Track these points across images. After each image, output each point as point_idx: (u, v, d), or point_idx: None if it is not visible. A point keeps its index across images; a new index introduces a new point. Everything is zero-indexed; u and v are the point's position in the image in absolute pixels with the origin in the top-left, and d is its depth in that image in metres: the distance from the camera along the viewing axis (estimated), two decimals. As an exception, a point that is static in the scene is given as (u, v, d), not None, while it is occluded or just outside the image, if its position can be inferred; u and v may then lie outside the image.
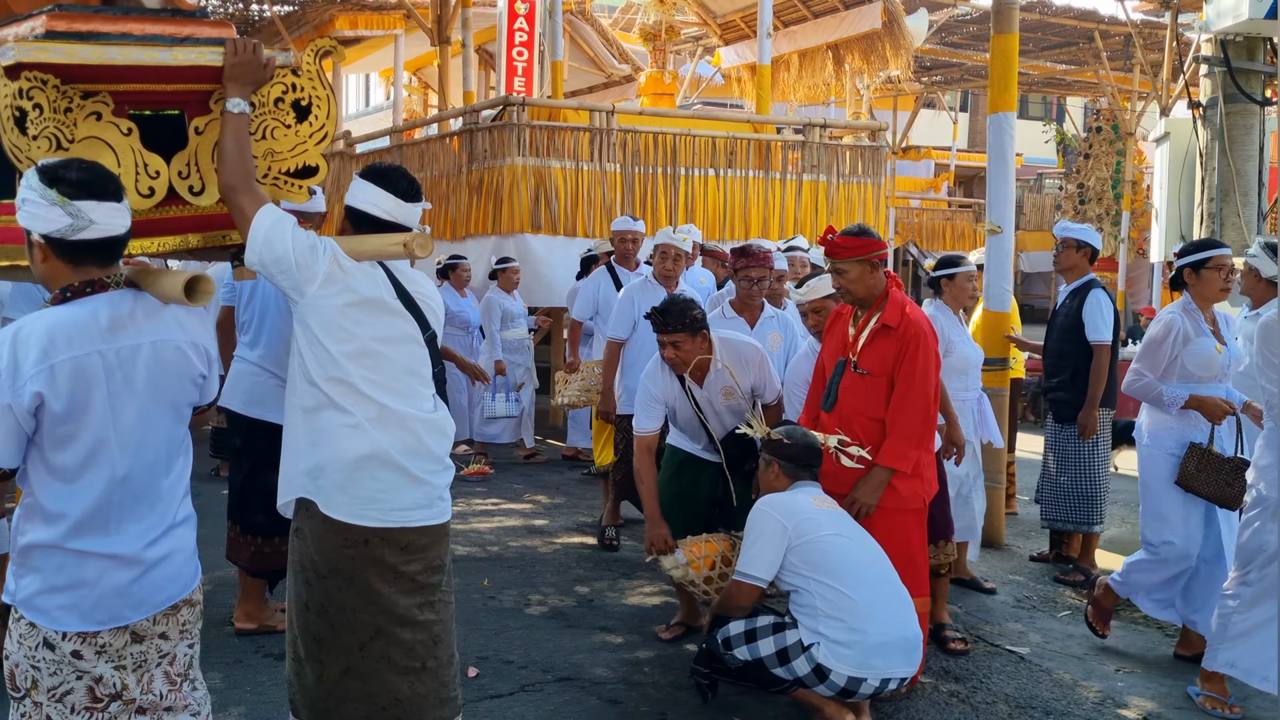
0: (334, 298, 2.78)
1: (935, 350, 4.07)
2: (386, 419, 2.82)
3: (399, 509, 2.85)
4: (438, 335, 3.02)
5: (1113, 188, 18.29)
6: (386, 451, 2.81)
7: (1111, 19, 16.30)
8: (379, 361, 2.83)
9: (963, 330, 5.57)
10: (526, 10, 14.67)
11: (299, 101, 2.96)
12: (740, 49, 14.05)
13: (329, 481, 2.82)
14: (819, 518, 3.71)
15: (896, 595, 3.71)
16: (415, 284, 2.96)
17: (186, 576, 2.62)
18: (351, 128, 15.55)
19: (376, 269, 2.87)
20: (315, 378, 2.80)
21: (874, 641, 3.56)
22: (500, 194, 9.05)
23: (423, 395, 2.93)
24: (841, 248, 4.05)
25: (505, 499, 7.49)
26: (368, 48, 16.73)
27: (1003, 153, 6.33)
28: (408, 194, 2.94)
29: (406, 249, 2.80)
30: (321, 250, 2.77)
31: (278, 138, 2.95)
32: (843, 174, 10.25)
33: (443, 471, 2.97)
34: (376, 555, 2.84)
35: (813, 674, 3.59)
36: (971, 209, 22.70)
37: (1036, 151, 26.13)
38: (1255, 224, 6.37)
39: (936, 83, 21.31)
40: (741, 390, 4.51)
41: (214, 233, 2.96)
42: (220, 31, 2.83)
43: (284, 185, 3.01)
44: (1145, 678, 4.48)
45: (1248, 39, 6.28)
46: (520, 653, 4.51)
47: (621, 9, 19.21)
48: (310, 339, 2.81)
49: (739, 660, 3.72)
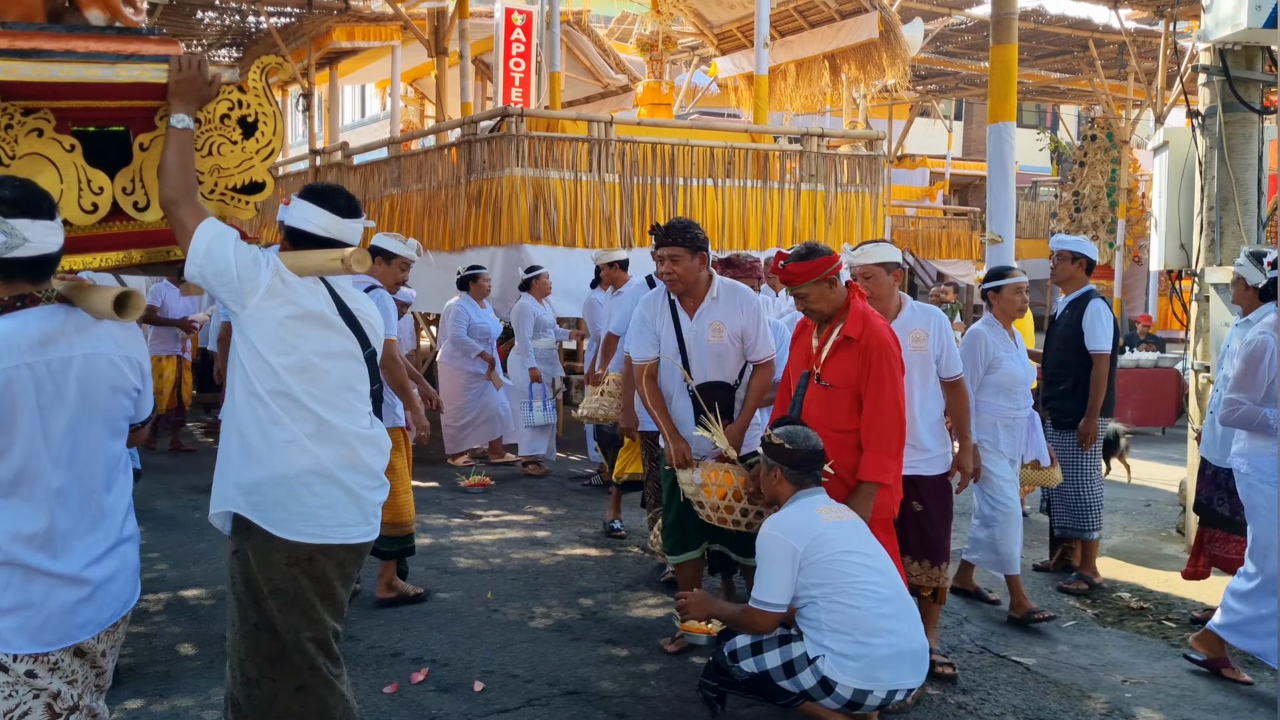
0: (275, 310, 2.79)
1: (900, 358, 4.09)
2: (326, 434, 2.83)
3: (339, 525, 2.86)
4: (377, 353, 3.04)
5: (1108, 195, 18.34)
6: (326, 466, 2.82)
7: (1106, 28, 16.36)
8: (318, 376, 2.84)
9: (1011, 346, 5.35)
10: (523, 21, 14.71)
11: (245, 118, 3.00)
12: (737, 59, 14.06)
13: (267, 498, 2.80)
14: (828, 533, 3.67)
15: (904, 606, 3.70)
16: (356, 301, 2.99)
17: (129, 594, 2.63)
18: (349, 139, 15.54)
19: (319, 285, 2.89)
20: (257, 389, 2.80)
21: (881, 654, 3.55)
22: (499, 205, 9.05)
23: (360, 411, 2.94)
24: (795, 273, 4.06)
25: (506, 510, 7.48)
26: (365, 59, 16.74)
27: (1003, 162, 6.34)
28: (346, 211, 2.96)
29: (344, 264, 2.82)
30: (264, 263, 2.79)
31: (224, 154, 2.99)
32: (840, 183, 10.26)
33: (379, 488, 2.98)
34: (319, 572, 2.84)
35: (819, 686, 3.57)
36: (967, 217, 22.72)
37: (1031, 160, 26.18)
38: (1255, 232, 6.38)
39: (932, 91, 21.35)
40: (730, 331, 4.52)
41: (158, 248, 2.99)
42: (166, 49, 2.86)
43: (231, 201, 3.05)
44: (1152, 689, 4.47)
45: (1246, 48, 6.29)
46: (525, 666, 4.50)
47: (618, 19, 19.24)
48: (251, 351, 2.81)
49: (745, 672, 3.71)
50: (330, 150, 13.41)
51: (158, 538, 6.50)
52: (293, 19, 14.58)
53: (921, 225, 22.03)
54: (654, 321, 4.67)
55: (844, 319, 4.08)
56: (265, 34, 15.08)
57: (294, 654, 2.84)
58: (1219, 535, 5.22)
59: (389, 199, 11.26)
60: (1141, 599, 5.68)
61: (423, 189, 10.53)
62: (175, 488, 7.96)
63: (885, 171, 11.44)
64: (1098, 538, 5.95)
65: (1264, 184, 6.46)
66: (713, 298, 4.56)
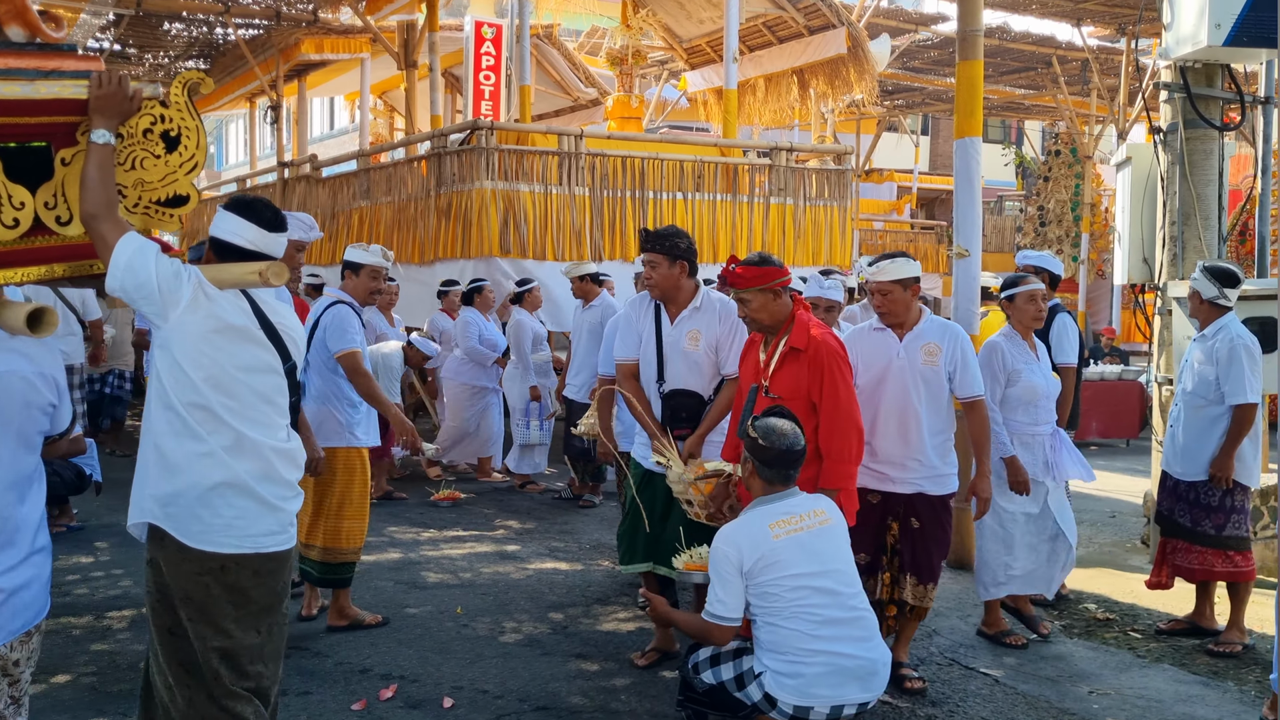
0: (197, 324, 2.83)
1: (848, 363, 4.11)
2: (242, 446, 2.87)
3: (254, 535, 2.90)
4: (298, 366, 3.07)
5: (1072, 210, 18.57)
6: (241, 478, 2.86)
7: (1069, 45, 16.59)
8: (237, 389, 2.87)
9: (1030, 357, 5.15)
10: (493, 35, 14.73)
11: (168, 132, 3.04)
12: (706, 73, 14.13)
13: (181, 509, 2.84)
14: (776, 552, 3.58)
15: (852, 626, 3.61)
16: (279, 315, 3.02)
17: (40, 604, 2.69)
18: (317, 151, 15.46)
19: (241, 298, 2.93)
20: (174, 402, 2.83)
21: (815, 673, 3.51)
22: (469, 217, 9.04)
23: (278, 424, 2.98)
24: (742, 278, 4.09)
25: (476, 525, 7.44)
26: (334, 71, 16.67)
27: (969, 177, 6.40)
28: (271, 224, 3.00)
29: (262, 277, 2.87)
30: (186, 277, 2.82)
31: (147, 168, 3.03)
32: (809, 197, 10.34)
33: (294, 498, 3.02)
34: (231, 581, 2.87)
35: (764, 700, 3.58)
36: (934, 231, 22.93)
37: (997, 174, 26.48)
38: (1216, 247, 6.48)
39: (899, 107, 21.55)
40: (706, 341, 4.55)
41: (81, 262, 3.01)
42: (87, 65, 2.90)
43: (155, 214, 3.08)
44: (1119, 699, 4.51)
45: (1206, 66, 6.39)
46: (495, 682, 4.47)
47: (588, 34, 19.28)
48: (171, 364, 2.84)
49: (705, 684, 3.72)
50: (299, 163, 13.34)
51: (121, 554, 6.41)
52: (261, 31, 14.51)
53: (889, 239, 22.19)
54: (638, 323, 4.72)
55: (789, 331, 4.11)
56: (233, 46, 15.00)
57: (202, 663, 2.88)
58: (1181, 546, 5.28)
59: (358, 211, 11.21)
60: (1108, 610, 5.73)
61: (392, 201, 10.50)
62: (139, 503, 7.84)
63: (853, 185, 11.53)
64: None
65: (1224, 199, 6.56)
66: (695, 306, 4.60)
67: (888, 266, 4.45)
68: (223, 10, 13.31)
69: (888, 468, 4.48)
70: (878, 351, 4.52)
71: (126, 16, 13.04)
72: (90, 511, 7.38)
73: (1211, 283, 5.21)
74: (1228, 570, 5.19)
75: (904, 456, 4.45)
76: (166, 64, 16.71)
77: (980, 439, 4.57)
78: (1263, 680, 4.78)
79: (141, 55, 16.05)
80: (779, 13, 12.61)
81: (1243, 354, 5.07)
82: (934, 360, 4.44)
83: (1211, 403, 5.17)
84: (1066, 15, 14.79)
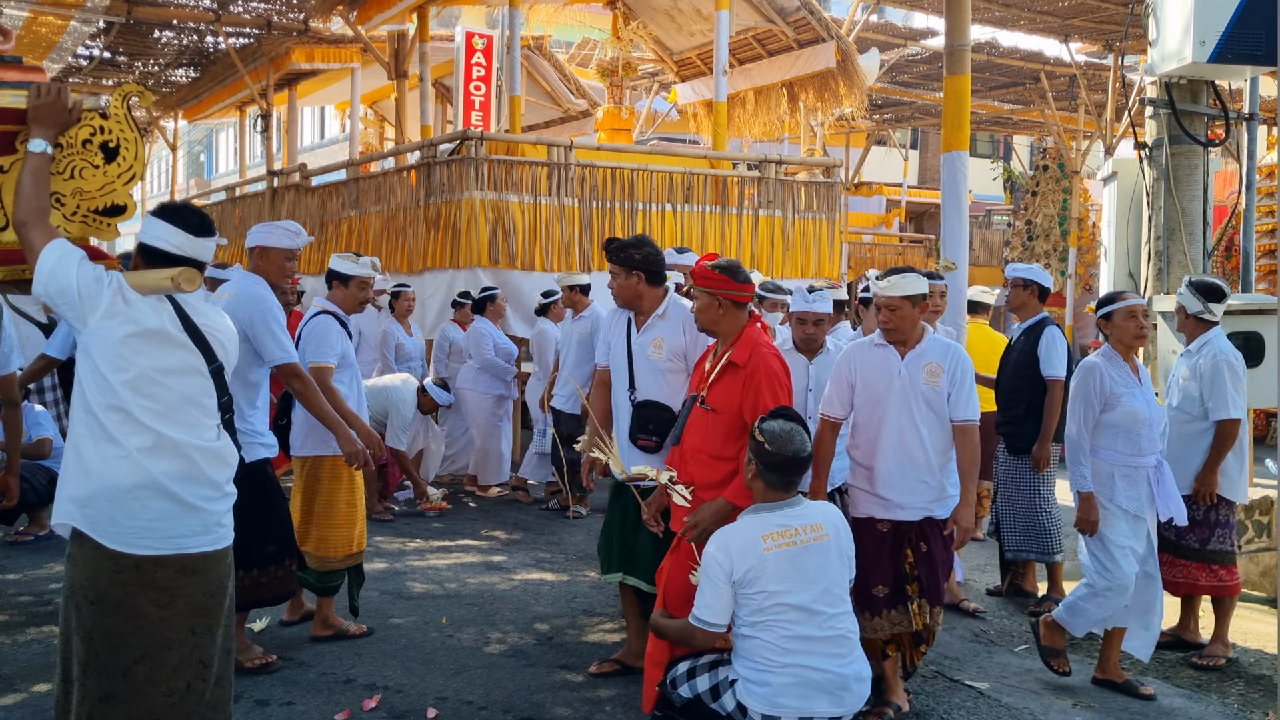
0: (116, 329, 2.89)
1: (785, 386, 4.04)
2: (163, 447, 2.91)
3: (173, 536, 2.93)
4: (224, 367, 3.11)
5: (1059, 224, 18.67)
6: (158, 480, 2.90)
7: (1057, 60, 16.69)
8: (158, 391, 2.93)
9: (1132, 380, 4.74)
10: (484, 45, 14.75)
11: (107, 143, 3.14)
12: (697, 85, 14.18)
13: (99, 511, 2.88)
14: (765, 564, 3.57)
15: (829, 641, 3.59)
16: (204, 317, 3.08)
17: None
18: (307, 160, 15.46)
19: (163, 302, 2.99)
20: (93, 406, 2.89)
21: (781, 683, 3.51)
22: (458, 227, 9.04)
23: (205, 425, 3.03)
24: (698, 275, 4.09)
25: (462, 535, 7.42)
26: (324, 80, 16.68)
27: (956, 191, 6.44)
28: (198, 229, 3.06)
29: (174, 283, 2.93)
30: (106, 283, 2.89)
31: (86, 177, 3.13)
32: (798, 209, 10.37)
33: (221, 499, 3.05)
34: (148, 579, 2.91)
35: (737, 709, 3.58)
36: (922, 244, 23.00)
37: (985, 188, 26.59)
38: (1201, 262, 6.52)
39: (888, 120, 21.65)
40: (670, 349, 4.51)
41: (15, 267, 3.13)
42: (28, 76, 3.01)
43: (93, 223, 3.19)
44: (1102, 712, 4.51)
45: (1191, 82, 6.45)
46: (480, 692, 4.46)
47: (579, 45, 19.32)
48: (91, 368, 2.90)
49: (682, 698, 3.72)
50: (288, 171, 13.33)
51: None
52: (252, 39, 14.50)
53: (877, 252, 22.25)
54: (610, 331, 4.75)
55: (735, 345, 4.05)
56: (224, 54, 14.98)
57: (108, 660, 2.91)
58: (1166, 559, 5.29)
59: (347, 221, 11.21)
60: (1092, 623, 5.73)
61: (381, 211, 10.50)
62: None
63: (842, 199, 11.58)
64: (1061, 559, 6.02)
65: (1209, 215, 6.62)
66: (659, 314, 4.55)
67: (898, 282, 4.28)
68: (213, 19, 13.32)
69: (892, 493, 4.30)
70: (878, 369, 4.35)
71: (117, 24, 13.02)
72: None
73: (1196, 298, 5.24)
74: (1212, 584, 5.21)
75: (909, 480, 4.28)
76: (157, 72, 16.69)
77: (968, 466, 4.32)
78: (1245, 694, 4.80)
79: (132, 63, 16.03)
80: (769, 26, 12.67)
81: (1225, 370, 5.10)
82: (936, 380, 4.27)
83: (1196, 418, 5.20)
84: (1055, 31, 14.89)
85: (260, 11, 13.47)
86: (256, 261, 4.74)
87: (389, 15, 12.16)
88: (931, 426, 4.29)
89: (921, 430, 4.27)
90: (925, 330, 4.39)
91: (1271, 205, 11.96)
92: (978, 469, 4.39)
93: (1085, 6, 13.60)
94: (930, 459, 4.28)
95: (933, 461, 4.29)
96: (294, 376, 4.64)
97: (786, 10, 12.37)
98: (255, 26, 13.77)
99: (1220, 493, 5.19)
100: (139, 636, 2.89)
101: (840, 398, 4.46)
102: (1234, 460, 5.23)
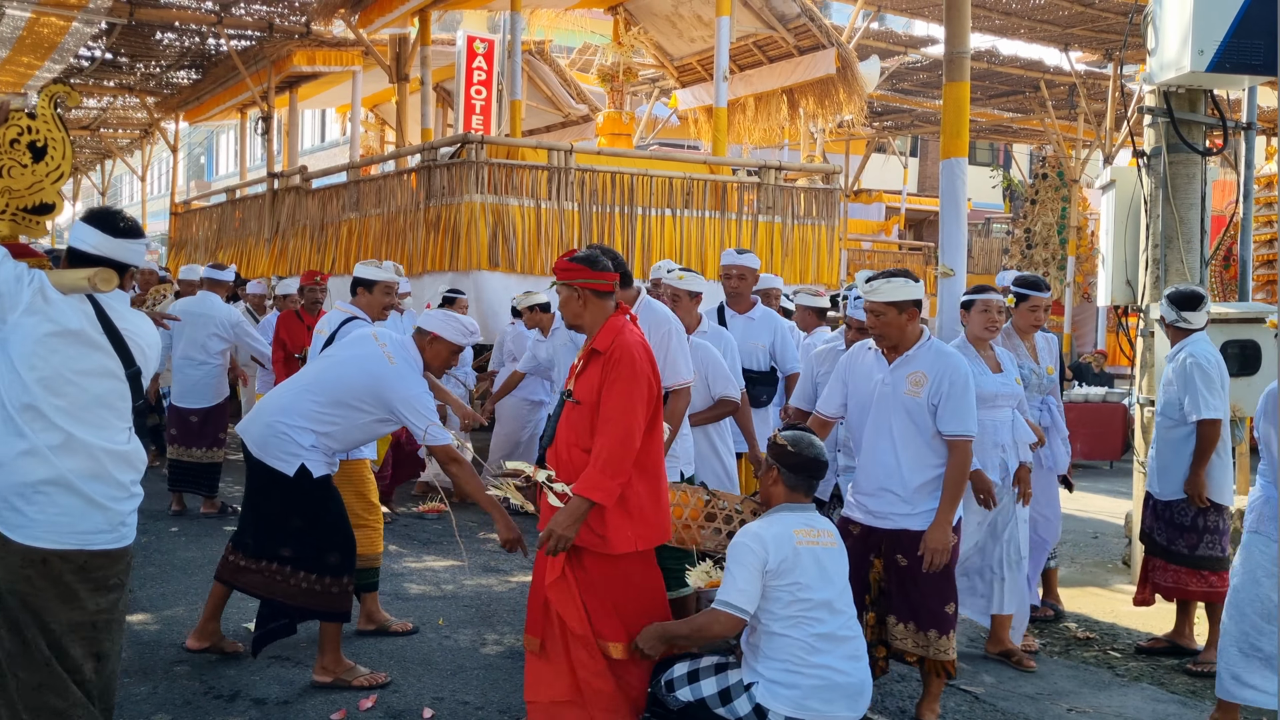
0: (35, 327, 2.97)
1: (643, 374, 3.75)
2: (72, 447, 2.99)
3: (79, 532, 3.01)
4: (142, 372, 3.17)
5: (1058, 233, 18.69)
6: (66, 478, 2.98)
7: (1056, 69, 16.75)
8: (71, 390, 3.00)
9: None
10: (485, 49, 14.79)
11: (35, 143, 3.24)
12: (697, 91, 14.20)
13: (3, 504, 2.96)
14: (799, 557, 3.61)
15: (848, 642, 3.66)
16: (126, 321, 3.14)
17: None
18: (308, 163, 15.48)
19: (85, 304, 3.06)
20: (6, 401, 2.97)
21: (810, 684, 3.54)
22: (458, 231, 9.05)
23: (115, 427, 3.10)
24: (558, 270, 3.95)
25: (460, 537, 7.42)
26: (325, 83, 16.69)
27: (955, 197, 6.46)
28: (119, 232, 3.18)
29: (90, 282, 3.02)
30: (28, 281, 2.97)
31: (15, 176, 3.23)
32: (797, 215, 10.38)
33: (127, 499, 3.13)
34: (54, 574, 2.98)
35: (753, 713, 3.57)
36: (921, 251, 23.02)
37: (984, 197, 26.62)
38: (1198, 270, 6.54)
39: (888, 128, 21.70)
40: None
41: None
42: None
43: (22, 221, 3.29)
44: (1097, 717, 4.53)
45: (1189, 91, 6.47)
46: (477, 693, 4.47)
47: (580, 50, 19.36)
48: (8, 364, 2.98)
49: (681, 702, 3.69)
50: (288, 174, 13.35)
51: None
52: (253, 42, 14.54)
53: (877, 259, 22.25)
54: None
55: (599, 334, 3.86)
56: (225, 56, 15.01)
57: (32, 651, 2.97)
58: (1159, 564, 5.35)
59: (347, 223, 11.22)
60: (1088, 629, 5.75)
61: (381, 214, 10.51)
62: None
63: (842, 205, 11.59)
64: (1056, 565, 6.04)
65: (1207, 223, 6.63)
66: None
67: (882, 286, 4.18)
68: (215, 21, 13.35)
69: (866, 498, 4.28)
70: (865, 373, 4.34)
71: (119, 26, 13.05)
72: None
73: (1170, 307, 5.38)
74: (1203, 590, 5.24)
75: (879, 488, 4.22)
76: (158, 74, 16.72)
77: (951, 485, 4.14)
78: (1240, 700, 4.81)
79: (133, 65, 16.06)
80: (769, 32, 12.70)
81: (1195, 372, 5.19)
82: (918, 390, 4.15)
83: (1178, 423, 5.28)
84: (1055, 40, 14.94)
85: (262, 14, 13.51)
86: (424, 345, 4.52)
87: (390, 18, 12.18)
88: (907, 436, 4.17)
89: (895, 438, 4.19)
90: (922, 336, 4.27)
91: (1270, 215, 11.99)
92: (962, 489, 4.20)
93: (1085, 16, 13.65)
94: (901, 469, 4.17)
95: (904, 472, 4.17)
96: None
97: (787, 17, 12.41)
98: (257, 29, 13.80)
99: (1210, 497, 5.23)
100: (47, 631, 2.97)
101: (832, 397, 4.48)
102: (1217, 463, 5.27)
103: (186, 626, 5.14)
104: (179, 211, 18.62)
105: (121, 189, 45.79)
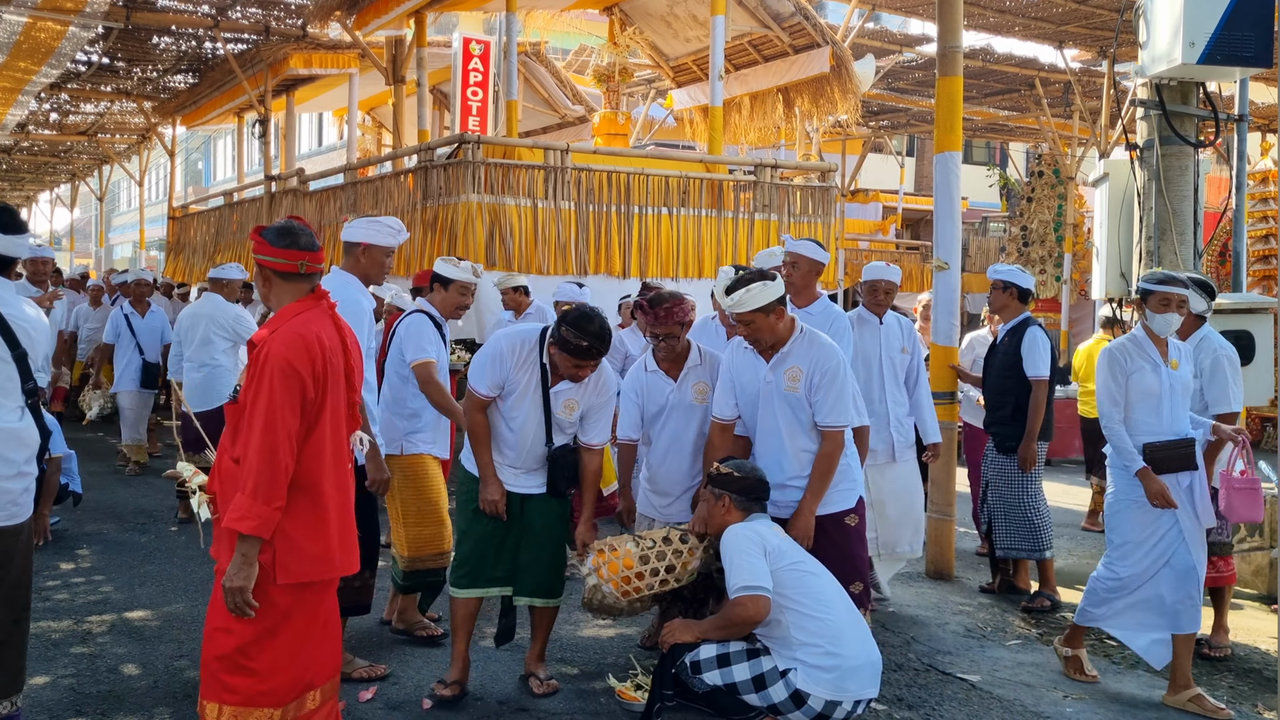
0: None
1: (288, 374, 3.06)
2: None
3: None
4: (29, 354, 3.41)
5: (1055, 230, 18.72)
6: None
7: (1051, 67, 16.76)
8: None
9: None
10: (481, 51, 14.81)
11: None
12: (692, 91, 14.24)
13: None
14: (784, 545, 3.77)
15: (859, 620, 3.80)
16: (10, 308, 3.41)
17: None
18: (305, 166, 15.50)
19: None
20: None
21: (850, 665, 3.63)
22: (455, 231, 9.08)
23: (5, 406, 3.34)
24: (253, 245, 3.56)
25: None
26: (322, 86, 16.73)
27: (949, 191, 6.49)
28: (10, 228, 3.51)
29: None
30: None
31: None
32: (794, 213, 10.42)
33: (16, 478, 3.33)
34: None
35: (790, 700, 3.60)
36: (919, 250, 23.05)
37: (981, 195, 26.66)
38: (1191, 262, 6.56)
39: (884, 127, 21.71)
40: (580, 407, 4.30)
41: None
42: None
43: None
44: (1093, 704, 4.55)
45: (1181, 83, 6.50)
46: (475, 685, 4.48)
47: (575, 51, 19.40)
48: None
49: (707, 685, 3.70)
50: (286, 176, 13.38)
51: (104, 560, 6.41)
52: (250, 45, 14.56)
53: (874, 259, 22.32)
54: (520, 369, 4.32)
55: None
56: (222, 60, 15.04)
57: None
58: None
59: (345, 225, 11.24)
60: (1084, 619, 5.77)
61: (378, 214, 10.52)
62: (124, 511, 7.85)
63: (840, 205, 11.62)
64: (1051, 556, 6.06)
65: (1200, 215, 6.66)
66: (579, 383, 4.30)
67: (743, 298, 4.07)
68: (212, 24, 13.37)
69: (776, 492, 4.19)
70: (749, 374, 4.31)
71: (115, 30, 13.07)
72: (72, 519, 7.41)
73: (1202, 296, 5.27)
74: (1211, 575, 5.25)
75: (780, 483, 4.19)
76: (155, 78, 16.75)
77: (817, 474, 4.17)
78: (1235, 686, 4.85)
79: (130, 69, 16.08)
80: (764, 32, 12.74)
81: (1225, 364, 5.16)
82: (795, 385, 4.17)
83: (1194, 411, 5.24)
84: (1049, 38, 14.96)
85: (258, 17, 13.52)
86: (357, 258, 4.61)
87: (386, 21, 12.21)
88: (795, 430, 4.21)
89: (784, 434, 4.22)
90: (793, 326, 4.24)
91: (1266, 211, 12.03)
92: (828, 479, 4.19)
93: (1079, 13, 13.67)
94: (796, 462, 4.20)
95: (799, 465, 4.20)
96: None
97: (782, 16, 12.44)
98: (253, 32, 13.82)
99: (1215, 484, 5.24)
100: None
101: (725, 399, 4.42)
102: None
103: (186, 623, 5.17)
104: (177, 216, 18.64)
105: (119, 194, 45.84)
